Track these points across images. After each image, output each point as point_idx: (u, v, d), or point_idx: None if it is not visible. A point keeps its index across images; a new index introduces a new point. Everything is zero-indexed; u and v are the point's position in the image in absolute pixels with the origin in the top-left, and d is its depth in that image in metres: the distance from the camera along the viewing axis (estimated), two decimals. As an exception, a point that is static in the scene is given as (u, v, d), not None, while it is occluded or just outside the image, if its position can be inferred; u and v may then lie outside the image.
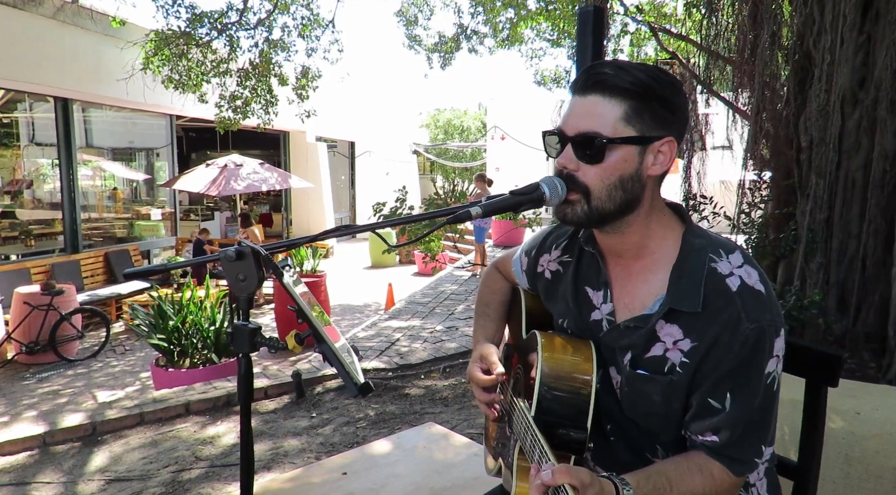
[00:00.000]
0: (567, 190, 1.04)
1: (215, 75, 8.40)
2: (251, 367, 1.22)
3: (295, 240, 1.13)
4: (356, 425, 3.63)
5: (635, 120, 1.01)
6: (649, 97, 1.01)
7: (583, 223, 1.07)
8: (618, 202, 1.04)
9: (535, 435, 1.03)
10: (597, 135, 1.01)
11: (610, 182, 1.02)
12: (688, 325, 1.02)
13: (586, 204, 1.04)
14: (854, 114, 3.51)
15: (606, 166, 1.02)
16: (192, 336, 5.26)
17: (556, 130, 1.08)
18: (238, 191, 10.08)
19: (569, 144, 1.04)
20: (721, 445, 1.01)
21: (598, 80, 1.02)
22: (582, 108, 1.03)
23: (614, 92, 1.01)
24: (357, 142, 16.79)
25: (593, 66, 1.06)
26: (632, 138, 1.01)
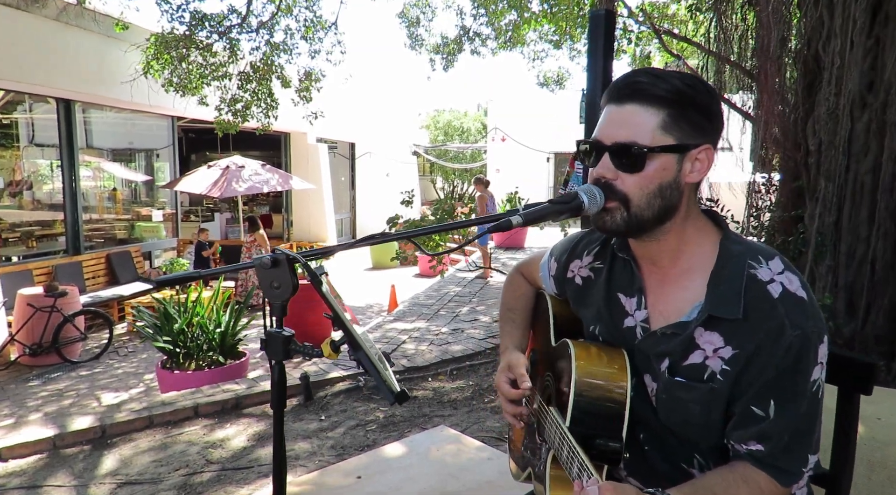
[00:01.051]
0: (605, 199, 1.04)
1: (215, 78, 8.40)
2: (284, 374, 1.22)
3: (331, 247, 1.13)
4: (366, 428, 3.63)
5: (673, 128, 1.01)
6: (687, 105, 1.01)
7: (622, 232, 1.07)
8: (656, 210, 1.04)
9: (573, 447, 1.03)
10: (635, 145, 1.01)
11: (649, 190, 1.03)
12: (728, 333, 1.02)
13: (625, 212, 1.04)
14: (863, 117, 3.52)
15: (645, 175, 1.02)
16: (197, 338, 5.25)
17: (592, 140, 1.08)
18: (240, 193, 10.07)
19: (606, 154, 1.04)
20: (767, 454, 1.00)
21: (636, 89, 1.02)
22: (619, 117, 1.03)
23: (652, 100, 1.01)
24: (357, 143, 16.78)
25: (628, 75, 1.06)
26: (670, 147, 1.01)
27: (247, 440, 3.54)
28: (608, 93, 1.07)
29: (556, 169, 18.59)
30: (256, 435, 3.59)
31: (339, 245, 1.12)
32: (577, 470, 0.99)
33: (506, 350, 1.40)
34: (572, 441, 1.04)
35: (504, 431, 3.49)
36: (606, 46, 3.16)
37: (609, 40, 3.18)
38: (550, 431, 1.16)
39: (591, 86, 3.18)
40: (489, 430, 3.49)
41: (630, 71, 1.08)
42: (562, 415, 1.12)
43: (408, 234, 1.11)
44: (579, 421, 1.09)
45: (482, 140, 21.03)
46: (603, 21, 3.14)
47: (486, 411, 3.81)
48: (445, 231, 1.11)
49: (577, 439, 1.04)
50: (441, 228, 1.09)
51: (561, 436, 1.09)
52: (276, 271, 1.14)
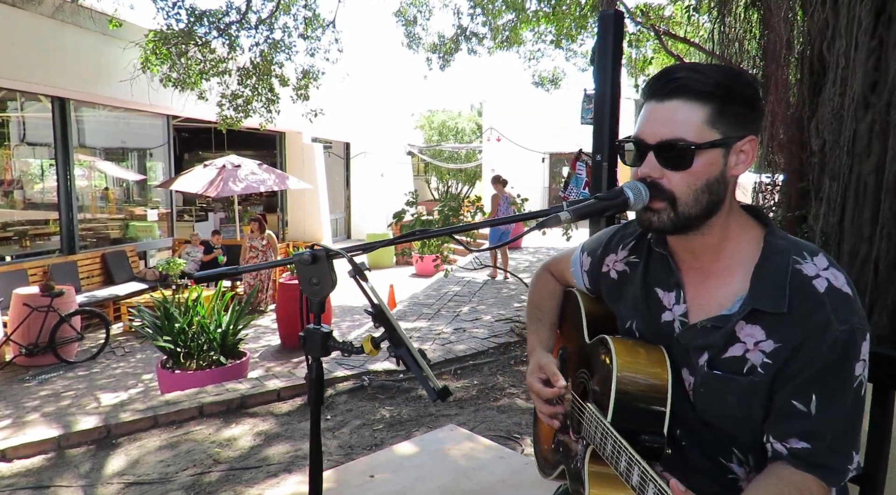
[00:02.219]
0: (650, 197, 1.04)
1: (215, 74, 8.36)
2: (322, 371, 1.22)
3: (372, 244, 1.13)
4: (372, 427, 3.62)
5: (719, 122, 1.01)
6: (731, 98, 1.01)
7: (668, 230, 1.07)
8: (703, 205, 1.04)
9: (618, 441, 1.03)
10: (682, 142, 1.00)
11: (697, 187, 1.02)
12: (771, 326, 1.02)
13: (672, 211, 1.04)
14: (866, 118, 3.55)
15: (693, 172, 1.02)
16: (198, 338, 5.22)
17: (634, 138, 1.07)
18: (236, 192, 10.02)
19: (650, 152, 1.04)
20: (813, 453, 0.99)
21: (679, 86, 1.01)
22: (663, 115, 1.03)
23: (697, 96, 1.00)
24: (352, 143, 16.75)
25: (668, 71, 1.06)
26: (717, 141, 1.01)
27: (254, 439, 3.52)
28: (648, 89, 1.06)
29: (551, 169, 18.64)
30: (263, 435, 3.57)
31: (378, 242, 1.12)
32: (626, 464, 0.99)
33: (534, 350, 1.40)
34: (617, 436, 1.04)
35: (512, 430, 3.49)
36: (616, 46, 3.17)
37: (618, 40, 3.19)
38: (589, 427, 1.16)
39: (599, 85, 3.19)
40: (497, 429, 3.49)
41: (669, 67, 1.08)
42: (602, 411, 1.12)
43: (448, 231, 1.10)
44: (621, 417, 1.10)
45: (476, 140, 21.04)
46: (612, 21, 3.15)
47: (492, 410, 3.82)
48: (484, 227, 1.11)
49: (621, 434, 1.05)
50: (482, 224, 1.09)
51: (603, 432, 1.09)
52: (315, 267, 1.14)
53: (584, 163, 5.60)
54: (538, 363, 1.33)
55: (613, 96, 3.15)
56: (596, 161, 3.19)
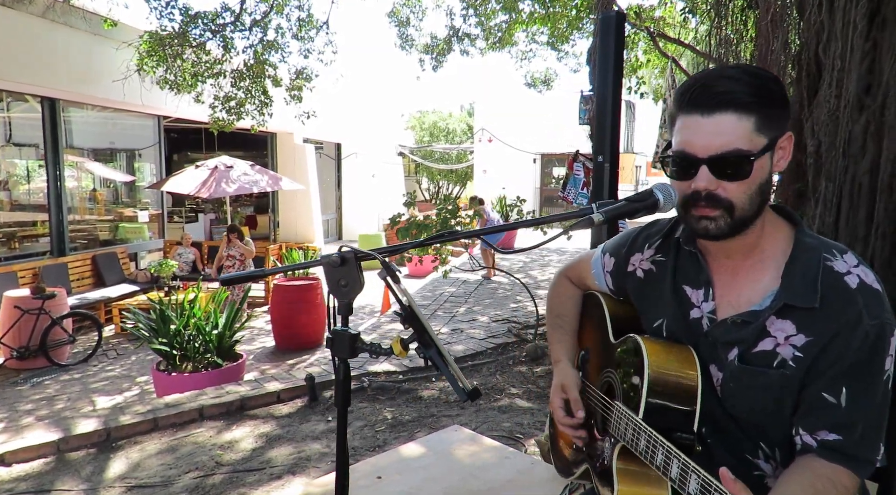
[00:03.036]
0: (705, 205, 1.04)
1: (210, 76, 8.31)
2: (349, 372, 1.22)
3: (400, 245, 1.13)
4: (374, 429, 3.62)
5: (764, 128, 1.02)
6: (771, 102, 1.03)
7: (725, 235, 1.07)
8: (756, 207, 1.06)
9: (653, 436, 1.04)
10: (739, 153, 1.01)
11: (752, 192, 1.04)
12: (802, 321, 1.04)
13: (730, 217, 1.05)
14: (861, 119, 3.60)
15: (751, 180, 1.03)
16: (194, 340, 5.19)
17: (681, 153, 1.06)
18: (229, 193, 9.96)
19: (703, 166, 1.03)
20: (844, 444, 1.01)
21: (727, 100, 1.01)
22: (712, 128, 1.02)
23: (743, 107, 1.01)
24: (343, 143, 16.71)
25: (706, 82, 1.04)
26: (766, 146, 1.03)
27: (255, 442, 3.51)
28: (686, 101, 1.05)
29: (543, 170, 18.71)
30: (265, 437, 3.56)
31: (408, 243, 1.12)
32: (664, 458, 1.01)
33: (558, 362, 1.42)
34: (651, 431, 1.05)
35: (514, 430, 3.50)
36: (617, 48, 3.19)
37: (619, 42, 3.21)
38: (619, 425, 1.17)
39: (600, 87, 3.21)
40: (499, 430, 3.50)
41: (704, 77, 1.05)
42: (633, 409, 1.14)
43: (477, 233, 1.11)
44: (652, 415, 1.11)
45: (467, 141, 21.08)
46: (613, 23, 3.17)
47: (493, 410, 3.83)
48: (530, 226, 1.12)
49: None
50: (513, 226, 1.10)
51: (636, 428, 1.10)
52: (343, 269, 1.15)
53: (582, 164, 5.63)
54: (562, 382, 1.34)
55: (615, 98, 3.17)
56: (598, 162, 3.21)
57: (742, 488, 0.87)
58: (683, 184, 1.08)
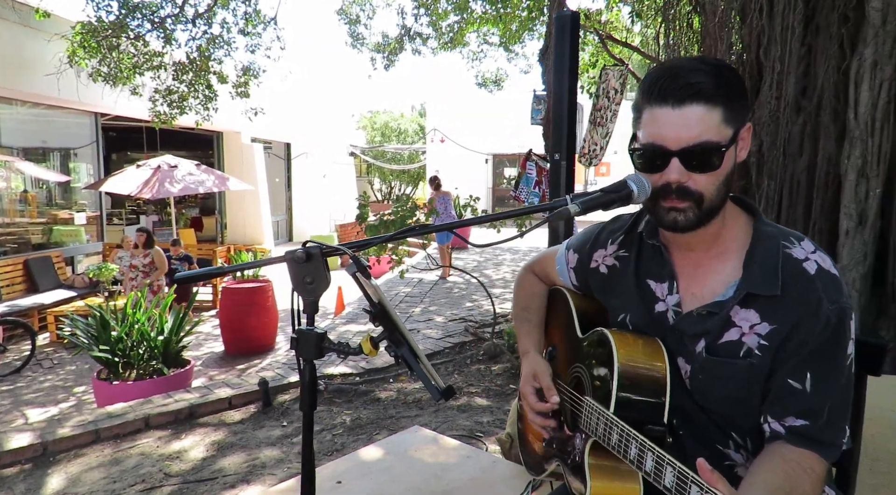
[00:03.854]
0: (675, 198, 1.04)
1: (149, 68, 7.98)
2: (315, 374, 1.17)
3: (371, 239, 1.09)
4: (332, 432, 3.54)
5: (731, 119, 1.03)
6: (735, 94, 1.04)
7: (693, 226, 1.07)
8: (722, 197, 1.07)
9: (625, 429, 1.03)
10: (710, 145, 1.01)
11: (720, 182, 1.05)
12: (765, 309, 1.05)
13: (698, 208, 1.05)
14: (798, 120, 3.76)
15: (720, 171, 1.03)
16: (138, 346, 4.96)
17: (651, 145, 1.05)
18: (173, 194, 9.61)
19: (674, 158, 1.03)
20: (811, 429, 1.02)
21: (695, 91, 1.00)
22: (681, 120, 1.01)
23: (711, 99, 1.01)
24: (293, 143, 16.39)
25: (673, 74, 1.03)
26: (732, 137, 1.04)
27: (206, 451, 3.37)
28: (654, 93, 1.04)
29: (494, 170, 18.85)
30: (217, 445, 3.42)
31: (376, 237, 1.08)
32: (637, 451, 0.99)
33: (526, 353, 1.40)
34: (623, 424, 1.04)
35: (474, 429, 3.49)
36: (573, 47, 3.22)
37: (575, 40, 3.24)
38: (589, 421, 1.16)
39: (557, 86, 3.23)
40: (460, 429, 3.48)
41: (667, 67, 1.05)
42: (603, 403, 1.13)
43: (448, 226, 1.08)
44: (623, 408, 1.10)
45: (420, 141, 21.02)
46: (569, 21, 3.20)
47: (452, 410, 3.80)
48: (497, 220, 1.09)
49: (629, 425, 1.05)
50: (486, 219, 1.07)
51: (607, 422, 1.09)
52: (309, 265, 1.09)
53: (535, 163, 5.68)
54: (533, 370, 1.32)
55: (571, 96, 3.20)
56: (555, 160, 3.23)
57: (719, 478, 0.87)
58: (653, 176, 1.07)
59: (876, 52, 3.35)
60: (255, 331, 7.25)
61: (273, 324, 7.54)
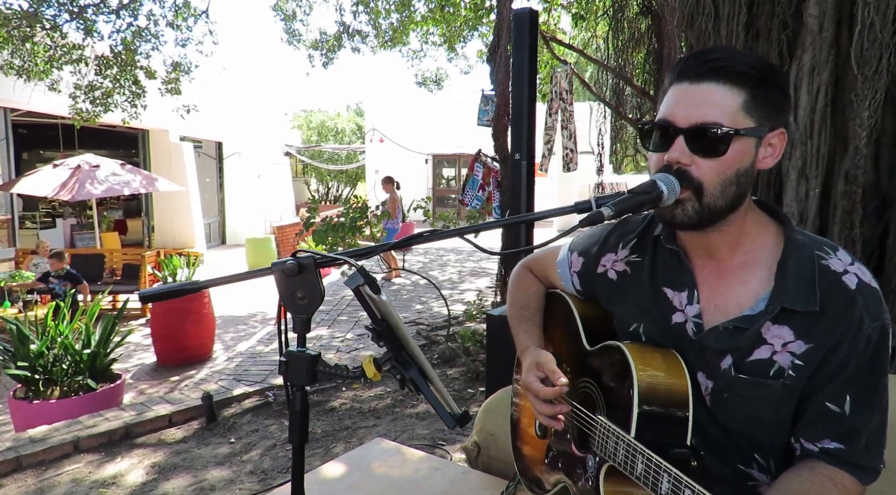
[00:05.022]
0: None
1: (67, 62, 7.41)
2: (307, 401, 1.03)
3: (374, 247, 0.96)
4: (285, 447, 3.34)
5: (755, 109, 0.96)
6: (768, 83, 0.96)
7: (693, 224, 1.00)
8: (729, 198, 0.98)
9: (659, 463, 0.93)
10: (718, 126, 0.94)
11: (726, 177, 0.97)
12: (800, 326, 0.97)
13: (697, 202, 0.97)
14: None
15: (725, 160, 0.95)
16: (61, 361, 4.56)
17: (661, 121, 0.99)
18: (96, 195, 8.99)
19: (680, 136, 0.96)
20: (848, 453, 0.96)
21: (716, 67, 0.94)
22: (696, 96, 0.95)
23: (735, 79, 0.94)
24: (225, 142, 15.74)
25: (703, 51, 0.99)
26: (752, 129, 0.96)
27: (146, 474, 3.11)
28: (679, 71, 0.99)
29: (434, 170, 18.78)
30: (157, 467, 3.16)
31: (381, 244, 0.96)
32: (671, 487, 0.90)
33: (527, 348, 1.30)
34: (650, 454, 0.94)
35: (436, 438, 3.38)
36: (532, 45, 3.17)
37: (534, 38, 3.19)
38: (604, 442, 1.07)
39: (517, 84, 3.18)
40: (420, 438, 3.36)
41: (702, 48, 1.02)
42: (622, 426, 1.04)
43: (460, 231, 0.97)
44: (645, 430, 1.01)
45: (358, 141, 20.70)
46: (528, 20, 3.15)
47: (411, 418, 3.68)
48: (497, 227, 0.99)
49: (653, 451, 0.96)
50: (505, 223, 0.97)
51: (628, 448, 0.99)
52: (300, 278, 0.96)
53: (482, 164, 5.62)
54: (535, 360, 1.21)
55: (531, 95, 3.15)
56: (515, 160, 3.17)
57: None
58: (659, 156, 1.00)
59: (814, 58, 3.48)
60: (191, 340, 6.85)
61: (210, 333, 7.16)
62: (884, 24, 3.29)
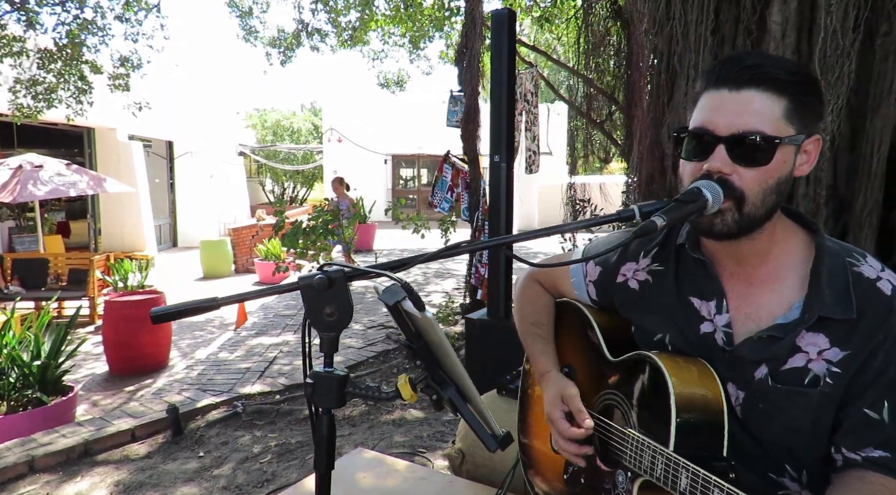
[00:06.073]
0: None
1: (7, 55, 7.00)
2: (334, 425, 0.96)
3: (414, 257, 0.90)
4: (259, 460, 3.21)
5: (794, 117, 0.95)
6: (807, 90, 0.96)
7: (732, 234, 0.98)
8: (769, 207, 0.97)
9: (707, 478, 0.90)
10: (761, 135, 0.93)
11: (767, 186, 0.95)
12: (836, 334, 0.97)
13: (737, 212, 0.96)
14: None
15: (768, 169, 0.94)
16: (8, 373, 4.28)
17: (700, 129, 0.97)
18: (39, 197, 8.52)
19: (721, 145, 0.95)
20: (892, 459, 0.95)
21: (758, 73, 0.93)
22: (737, 105, 0.94)
23: (777, 86, 0.93)
24: (176, 141, 15.21)
25: (739, 56, 0.97)
26: (793, 137, 0.95)
27: (109, 494, 2.93)
28: (715, 76, 0.97)
29: (394, 171, 18.64)
30: (122, 486, 2.99)
31: (419, 256, 0.89)
32: None
33: (547, 373, 1.27)
34: (697, 468, 0.91)
35: (415, 445, 3.32)
36: (510, 46, 3.15)
37: (512, 40, 3.17)
38: (640, 458, 1.04)
39: (495, 86, 3.15)
40: (399, 446, 3.29)
41: (736, 53, 1.00)
42: (659, 439, 1.01)
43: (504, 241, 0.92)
44: (683, 443, 0.99)
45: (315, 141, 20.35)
46: (506, 20, 3.12)
47: (387, 425, 3.60)
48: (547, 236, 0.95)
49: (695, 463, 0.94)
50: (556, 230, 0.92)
51: (668, 463, 0.96)
52: (330, 293, 0.88)
53: (451, 165, 5.57)
54: (560, 393, 1.19)
55: (510, 96, 3.12)
56: (494, 162, 3.14)
57: None
58: (696, 165, 0.98)
59: (777, 64, 3.59)
60: (147, 348, 6.56)
61: (166, 340, 6.87)
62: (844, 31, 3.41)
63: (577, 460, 1.17)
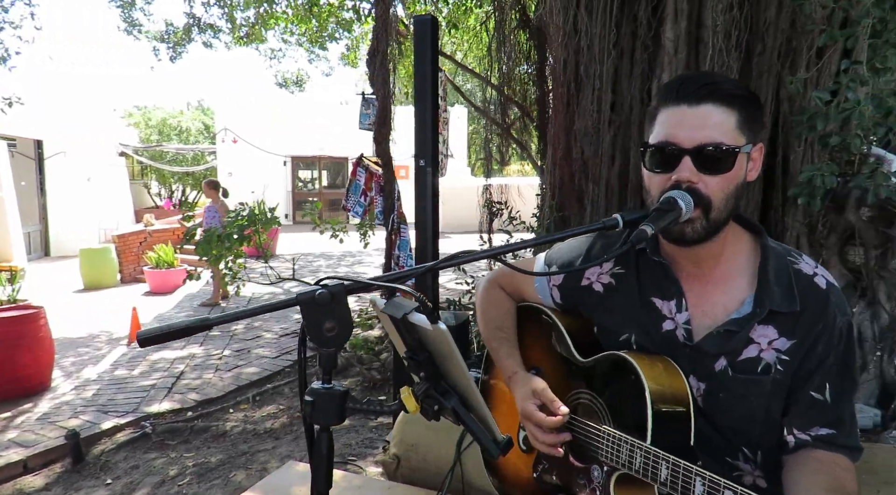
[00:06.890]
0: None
1: None
2: (332, 443, 0.93)
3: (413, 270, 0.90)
4: (177, 482, 3.02)
5: (745, 127, 1.05)
6: (753, 103, 1.07)
7: (700, 240, 1.07)
8: (729, 210, 1.07)
9: (688, 468, 0.97)
10: (723, 144, 1.02)
11: (729, 191, 1.05)
12: (784, 325, 1.08)
13: (705, 219, 1.05)
14: (610, 132, 4.23)
15: (729, 175, 1.04)
16: None
17: (663, 143, 1.05)
18: None
19: (686, 157, 1.03)
20: (839, 436, 1.06)
21: (713, 90, 1.03)
22: (697, 119, 1.03)
23: (730, 101, 1.04)
24: (45, 140, 13.85)
25: (692, 76, 1.08)
26: (744, 146, 1.06)
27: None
28: (673, 93, 1.06)
29: (294, 173, 18.07)
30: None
31: (418, 267, 0.89)
32: (707, 490, 0.95)
33: (514, 374, 1.31)
34: (678, 460, 0.98)
35: (345, 453, 3.26)
36: (433, 52, 3.18)
37: (435, 45, 3.21)
38: (614, 451, 1.10)
39: (420, 91, 3.17)
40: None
41: (686, 74, 1.10)
42: (635, 433, 1.08)
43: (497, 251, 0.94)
44: (659, 436, 1.06)
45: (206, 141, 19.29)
46: (430, 26, 3.15)
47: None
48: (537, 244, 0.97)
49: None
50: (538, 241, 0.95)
51: (647, 456, 1.03)
52: (330, 308, 0.86)
53: (365, 168, 5.51)
54: (531, 388, 1.23)
55: (434, 101, 3.16)
56: (420, 166, 3.16)
57: None
58: (663, 177, 1.07)
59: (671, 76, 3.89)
60: (26, 370, 5.90)
61: (49, 358, 6.23)
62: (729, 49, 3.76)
63: (555, 451, 1.20)
